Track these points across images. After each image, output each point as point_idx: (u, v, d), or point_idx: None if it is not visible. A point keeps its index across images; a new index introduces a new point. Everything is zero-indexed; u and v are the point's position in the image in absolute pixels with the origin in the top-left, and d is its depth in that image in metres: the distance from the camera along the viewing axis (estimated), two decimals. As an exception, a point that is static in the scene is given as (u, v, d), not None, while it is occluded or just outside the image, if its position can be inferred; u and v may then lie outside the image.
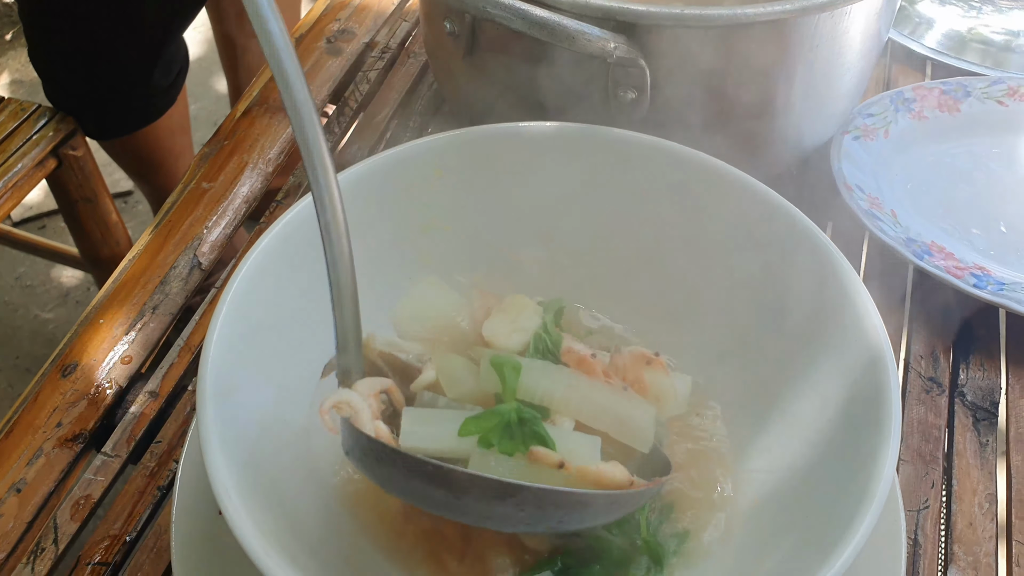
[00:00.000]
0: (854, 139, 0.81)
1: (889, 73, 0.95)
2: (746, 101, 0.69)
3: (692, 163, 0.60)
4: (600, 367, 0.51)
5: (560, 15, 0.60)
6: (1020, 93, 0.85)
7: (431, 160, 0.61)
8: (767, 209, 0.58)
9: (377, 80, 0.91)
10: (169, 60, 1.34)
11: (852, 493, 0.46)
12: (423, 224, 0.63)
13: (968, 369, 0.71)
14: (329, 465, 0.56)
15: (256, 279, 0.54)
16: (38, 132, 1.32)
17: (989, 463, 0.66)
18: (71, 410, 0.67)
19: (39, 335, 1.83)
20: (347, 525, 0.54)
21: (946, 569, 0.61)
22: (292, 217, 0.56)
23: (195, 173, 0.82)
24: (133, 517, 0.62)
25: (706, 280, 0.61)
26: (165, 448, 0.65)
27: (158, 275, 0.74)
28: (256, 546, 0.43)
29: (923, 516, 0.63)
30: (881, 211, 0.76)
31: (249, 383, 0.52)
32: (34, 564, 0.60)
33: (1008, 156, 0.83)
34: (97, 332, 0.71)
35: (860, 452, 0.48)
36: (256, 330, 0.53)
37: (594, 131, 0.61)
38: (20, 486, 0.63)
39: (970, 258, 0.74)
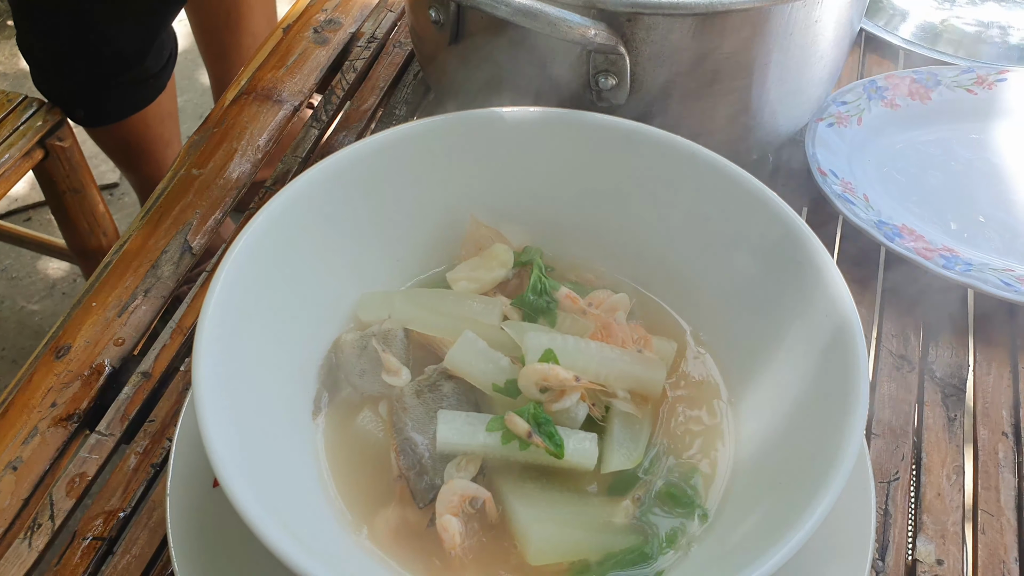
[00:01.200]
0: (828, 126, 0.83)
1: (864, 63, 0.97)
2: (723, 88, 0.71)
3: (670, 147, 0.62)
4: (620, 331, 0.58)
5: (542, 3, 0.62)
6: (988, 82, 0.88)
7: (419, 143, 0.63)
8: (739, 189, 0.60)
9: (363, 69, 0.93)
10: (160, 45, 1.34)
11: (823, 459, 0.49)
12: (409, 206, 0.65)
13: (937, 347, 0.74)
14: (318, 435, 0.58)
15: (254, 251, 0.55)
16: (25, 123, 1.33)
17: (957, 437, 0.69)
18: (65, 390, 0.68)
19: (26, 327, 1.83)
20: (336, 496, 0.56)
21: (915, 538, 0.64)
22: (293, 190, 0.58)
23: (185, 160, 0.83)
24: (128, 493, 0.64)
25: (682, 255, 0.63)
26: (158, 427, 0.67)
27: (149, 259, 0.76)
28: (254, 513, 0.44)
29: (893, 487, 0.66)
30: (854, 195, 0.78)
31: (243, 357, 0.54)
32: (31, 539, 0.62)
33: (977, 143, 0.86)
34: (90, 315, 0.73)
35: (831, 420, 0.50)
36: (250, 307, 0.55)
37: (576, 116, 0.63)
38: (16, 464, 0.65)
39: (939, 240, 0.76)
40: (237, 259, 0.55)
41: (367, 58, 0.94)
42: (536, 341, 0.58)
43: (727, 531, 0.53)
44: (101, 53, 1.29)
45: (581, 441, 0.55)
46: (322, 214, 0.61)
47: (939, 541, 0.63)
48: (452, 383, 0.59)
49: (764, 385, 0.58)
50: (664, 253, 0.64)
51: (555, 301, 0.63)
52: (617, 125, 0.63)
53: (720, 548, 0.53)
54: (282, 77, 0.91)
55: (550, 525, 0.54)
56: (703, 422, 0.60)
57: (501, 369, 0.58)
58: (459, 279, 0.64)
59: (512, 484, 0.56)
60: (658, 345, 0.61)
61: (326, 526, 0.53)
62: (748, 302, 0.60)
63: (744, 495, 0.55)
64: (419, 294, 0.64)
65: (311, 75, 0.91)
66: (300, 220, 0.60)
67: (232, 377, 0.52)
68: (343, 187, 0.62)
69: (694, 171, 0.62)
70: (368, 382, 0.60)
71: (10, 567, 0.60)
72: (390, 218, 0.65)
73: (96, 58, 1.30)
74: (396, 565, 0.53)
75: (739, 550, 0.50)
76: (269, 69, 0.92)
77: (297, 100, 0.89)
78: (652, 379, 0.59)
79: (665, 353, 0.61)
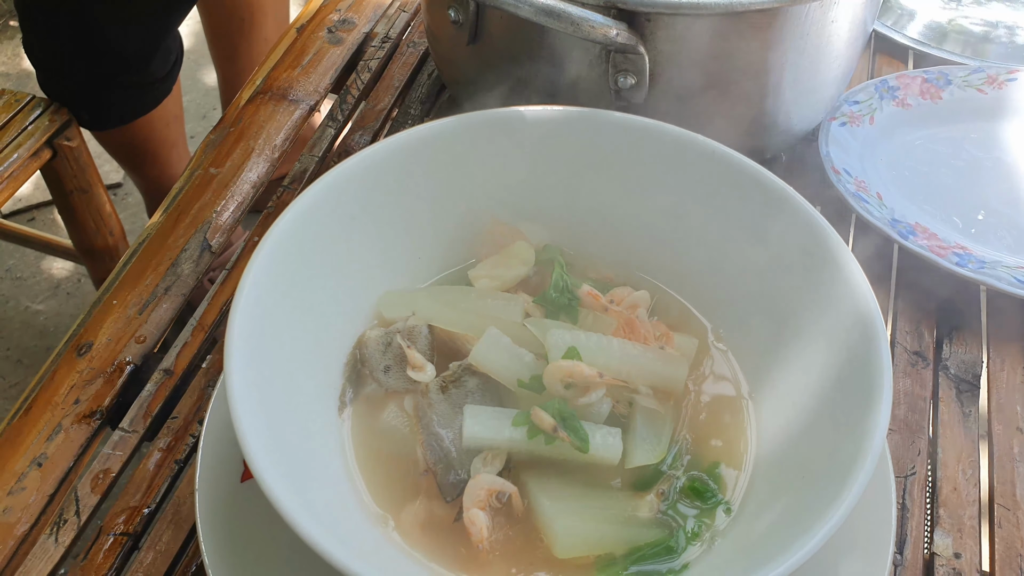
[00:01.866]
0: (841, 125, 0.84)
1: (873, 62, 0.98)
2: (739, 87, 0.72)
3: (690, 145, 0.63)
4: (642, 328, 0.59)
5: (565, 2, 0.62)
6: (999, 81, 0.89)
7: (439, 143, 0.64)
8: (759, 186, 0.61)
9: (378, 69, 0.93)
10: (166, 49, 1.35)
11: (848, 453, 0.49)
12: (430, 205, 0.65)
13: (951, 344, 0.74)
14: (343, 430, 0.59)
15: (280, 250, 0.56)
16: (33, 122, 1.33)
17: (972, 432, 0.70)
18: (88, 388, 0.69)
19: (30, 326, 1.83)
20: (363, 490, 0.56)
21: (932, 531, 0.64)
22: (317, 190, 0.59)
23: (202, 159, 0.84)
24: (152, 489, 0.64)
25: (701, 253, 0.64)
26: (181, 423, 0.67)
27: (169, 257, 0.76)
28: (288, 506, 0.45)
29: (910, 482, 0.66)
30: (867, 193, 0.79)
31: (272, 354, 0.54)
32: (57, 535, 0.62)
33: (987, 142, 0.87)
34: (110, 312, 0.73)
35: (854, 414, 0.50)
36: (277, 305, 0.56)
37: (596, 114, 0.64)
38: (41, 460, 0.65)
39: (952, 238, 0.77)
40: (265, 258, 0.55)
41: (381, 58, 0.94)
42: (559, 338, 0.58)
43: (751, 524, 0.54)
44: (104, 56, 1.30)
45: (606, 436, 0.56)
46: (345, 213, 0.62)
47: (956, 535, 0.64)
48: (476, 379, 0.59)
49: (785, 381, 0.59)
50: (684, 251, 0.65)
51: (577, 298, 0.63)
52: (637, 124, 0.63)
53: (744, 541, 0.53)
54: (297, 77, 0.91)
55: (576, 519, 0.54)
56: (725, 417, 0.60)
57: (526, 365, 0.59)
58: (481, 277, 0.65)
59: (537, 479, 0.56)
60: (679, 341, 0.62)
61: (354, 519, 0.54)
62: (768, 299, 0.61)
63: (767, 489, 0.55)
64: (442, 291, 0.65)
65: (326, 74, 0.92)
66: (324, 220, 0.60)
67: (261, 373, 0.53)
68: (366, 187, 0.62)
69: (714, 169, 0.62)
70: (393, 378, 0.60)
71: (37, 562, 0.60)
72: (412, 217, 0.65)
73: (99, 61, 1.30)
74: (424, 558, 0.53)
75: (763, 543, 0.51)
76: (284, 69, 0.92)
77: (312, 99, 0.90)
78: (674, 375, 0.60)
79: (686, 349, 0.62)
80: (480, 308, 0.62)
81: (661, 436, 0.58)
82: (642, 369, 0.59)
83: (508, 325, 0.61)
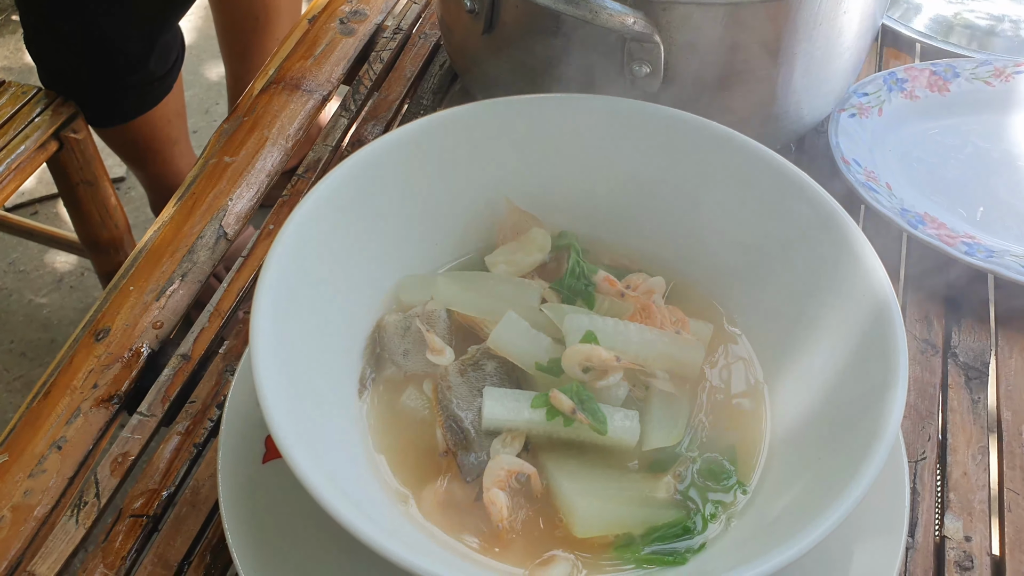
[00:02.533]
0: (850, 116, 0.85)
1: (881, 55, 0.99)
2: (752, 77, 0.73)
3: (706, 132, 0.64)
4: (658, 313, 0.60)
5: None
6: (1006, 74, 0.90)
7: (457, 130, 0.65)
8: (775, 173, 0.62)
9: (390, 60, 0.94)
10: (166, 48, 1.34)
11: (865, 435, 0.50)
12: (448, 191, 0.66)
13: (960, 332, 0.75)
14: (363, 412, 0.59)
15: (301, 236, 0.57)
16: (39, 115, 1.33)
17: (981, 418, 0.70)
18: (106, 372, 0.69)
19: (33, 320, 1.84)
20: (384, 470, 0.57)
21: (943, 515, 0.65)
22: (336, 178, 0.59)
23: (215, 148, 0.84)
24: (171, 472, 0.65)
25: (717, 240, 0.65)
26: (199, 408, 0.68)
27: (185, 245, 0.77)
28: (316, 483, 0.46)
29: (921, 467, 0.67)
30: (877, 184, 0.80)
31: (294, 338, 0.55)
32: (78, 516, 0.62)
33: (995, 133, 0.88)
34: (127, 298, 0.74)
35: (871, 396, 0.51)
36: (299, 290, 0.56)
37: (612, 102, 0.65)
38: (60, 443, 0.66)
39: (960, 228, 0.78)
40: (289, 239, 0.56)
41: (393, 49, 0.95)
42: (576, 322, 0.59)
43: (767, 505, 0.55)
44: (104, 54, 1.30)
45: (624, 419, 0.57)
46: (364, 199, 0.62)
47: (966, 518, 0.65)
48: (495, 362, 0.60)
49: (800, 364, 0.60)
50: (699, 237, 0.66)
51: (593, 284, 0.64)
52: (654, 111, 0.64)
53: (760, 522, 0.54)
54: (310, 67, 0.92)
55: (595, 499, 0.55)
56: (740, 401, 0.61)
57: (543, 348, 0.59)
58: (498, 263, 0.66)
59: (556, 460, 0.57)
60: (695, 327, 0.63)
61: (376, 498, 0.55)
62: (784, 284, 0.62)
63: (784, 470, 0.56)
64: (459, 276, 0.65)
65: (338, 65, 0.93)
66: (344, 205, 0.61)
67: (285, 357, 0.53)
68: (384, 173, 0.63)
69: (729, 156, 0.63)
70: (412, 361, 0.61)
71: (58, 543, 0.61)
72: (429, 203, 0.66)
73: (99, 59, 1.30)
74: (445, 536, 0.54)
75: (779, 523, 0.52)
76: (296, 59, 0.93)
77: (325, 90, 0.90)
78: (690, 360, 0.61)
79: (702, 334, 0.63)
80: (497, 293, 0.63)
81: (678, 419, 0.59)
82: (659, 353, 0.60)
83: (525, 310, 0.61)
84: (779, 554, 0.45)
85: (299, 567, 0.54)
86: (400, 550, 0.43)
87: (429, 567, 0.43)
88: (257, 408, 0.49)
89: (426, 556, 0.45)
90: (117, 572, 0.60)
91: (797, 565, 0.55)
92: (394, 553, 0.43)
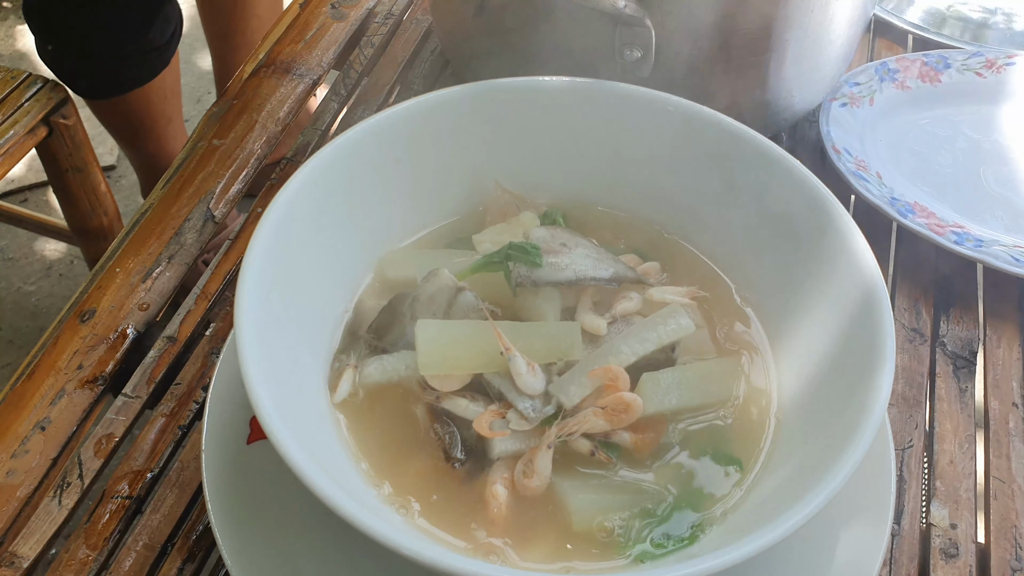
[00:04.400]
0: (841, 106, 0.85)
1: (873, 46, 0.99)
2: (743, 64, 0.73)
3: (696, 117, 0.63)
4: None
5: (574, -27, 0.63)
6: (997, 66, 0.90)
7: (447, 111, 0.64)
8: (763, 157, 0.61)
9: (381, 45, 0.93)
10: (165, 18, 1.34)
11: (850, 418, 0.50)
12: (435, 170, 0.66)
13: (948, 321, 0.75)
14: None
15: (286, 216, 0.56)
16: (29, 100, 1.32)
17: (968, 408, 0.70)
18: (91, 353, 0.69)
19: (22, 307, 1.83)
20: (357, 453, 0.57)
21: (929, 503, 0.65)
22: (337, 146, 0.59)
23: (205, 131, 0.84)
24: (155, 454, 0.64)
25: (709, 223, 0.65)
26: (184, 390, 0.67)
27: (172, 227, 0.76)
28: (302, 463, 0.45)
29: (908, 455, 0.67)
30: (867, 172, 0.80)
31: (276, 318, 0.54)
32: (61, 497, 0.62)
33: (985, 124, 0.88)
34: (114, 280, 0.73)
35: (859, 378, 0.51)
36: (282, 270, 0.56)
37: (605, 85, 0.65)
38: (44, 424, 0.65)
39: (950, 217, 0.78)
40: (271, 224, 0.55)
41: (384, 34, 0.94)
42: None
43: (766, 482, 0.54)
44: (103, 22, 1.29)
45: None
46: (351, 179, 0.62)
47: (952, 506, 0.65)
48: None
49: (799, 344, 0.59)
50: (691, 221, 0.65)
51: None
52: (644, 95, 0.64)
53: (759, 499, 0.54)
54: (300, 51, 0.91)
55: (590, 492, 0.54)
56: (746, 379, 0.60)
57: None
58: (484, 242, 0.65)
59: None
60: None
61: (358, 478, 0.54)
62: (778, 268, 0.61)
63: (782, 447, 0.56)
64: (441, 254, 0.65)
65: (329, 49, 0.92)
66: (330, 185, 0.60)
67: (270, 336, 0.53)
68: (370, 155, 0.63)
69: (719, 141, 0.63)
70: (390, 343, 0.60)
71: (41, 524, 0.61)
72: (417, 183, 0.65)
73: (99, 28, 1.29)
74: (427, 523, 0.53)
75: (766, 506, 0.52)
76: (287, 43, 0.92)
77: (315, 74, 0.90)
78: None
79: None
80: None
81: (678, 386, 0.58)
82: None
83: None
84: (759, 538, 0.45)
85: (282, 548, 0.54)
86: (383, 528, 0.43)
87: (411, 545, 0.43)
88: (242, 389, 0.48)
89: (408, 535, 0.45)
90: (100, 553, 0.59)
91: (784, 548, 0.55)
92: (377, 531, 0.43)
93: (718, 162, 0.63)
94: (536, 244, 0.60)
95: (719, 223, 0.65)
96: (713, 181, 0.64)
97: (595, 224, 0.67)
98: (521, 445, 0.55)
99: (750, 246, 0.63)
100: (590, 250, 0.62)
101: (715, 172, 0.63)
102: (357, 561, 0.54)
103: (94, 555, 0.59)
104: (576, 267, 0.60)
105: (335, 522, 0.44)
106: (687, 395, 0.57)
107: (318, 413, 0.56)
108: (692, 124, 0.63)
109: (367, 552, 0.54)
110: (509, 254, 0.59)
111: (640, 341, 0.58)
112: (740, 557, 0.43)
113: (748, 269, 0.64)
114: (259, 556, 0.53)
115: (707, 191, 0.64)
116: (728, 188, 0.63)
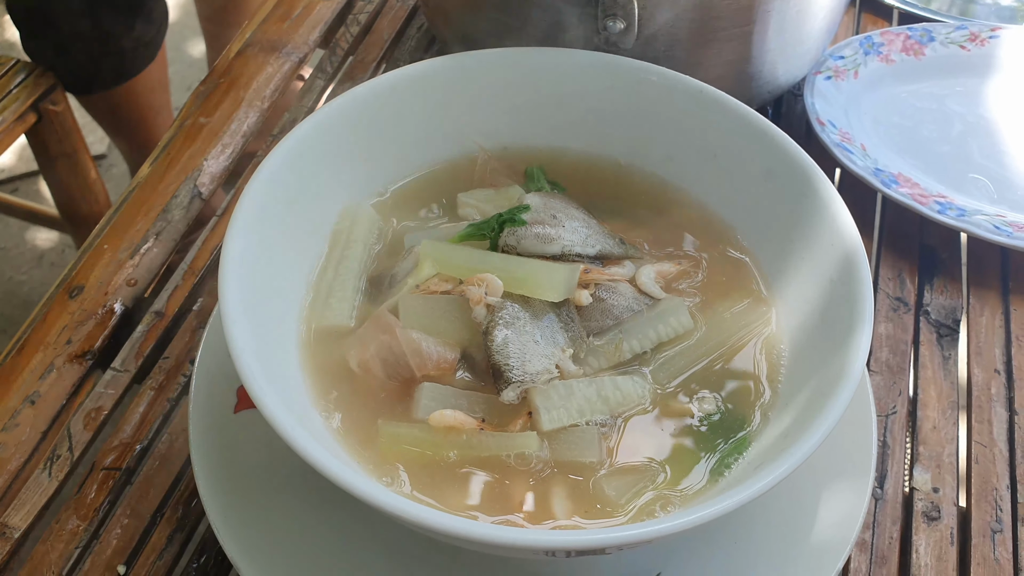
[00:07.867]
0: (826, 79, 0.85)
1: (858, 21, 0.99)
2: (726, 35, 0.73)
3: (678, 85, 0.64)
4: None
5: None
6: (981, 39, 0.90)
7: (430, 80, 0.65)
8: (744, 124, 0.62)
9: (367, 23, 0.93)
10: (150, 11, 1.34)
11: (831, 375, 0.50)
12: (420, 139, 0.66)
13: (932, 290, 0.76)
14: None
15: (271, 181, 0.57)
16: (17, 86, 1.32)
17: (951, 375, 0.71)
18: (80, 328, 0.69)
19: (14, 296, 1.83)
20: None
21: (912, 467, 0.66)
22: (319, 118, 0.60)
23: (192, 109, 0.84)
24: (144, 426, 0.65)
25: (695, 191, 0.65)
26: (173, 364, 0.68)
27: (160, 204, 0.77)
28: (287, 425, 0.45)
29: (891, 421, 0.68)
30: (851, 144, 0.80)
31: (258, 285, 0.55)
32: (51, 469, 0.62)
33: (969, 97, 0.88)
34: (101, 256, 0.73)
35: (840, 338, 0.52)
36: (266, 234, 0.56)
37: (590, 56, 0.65)
38: (34, 398, 0.65)
39: (934, 188, 0.78)
40: (255, 193, 0.56)
41: (370, 12, 0.94)
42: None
43: (768, 433, 0.55)
44: (89, 18, 1.29)
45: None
46: (334, 148, 0.62)
47: (935, 471, 0.65)
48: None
49: (789, 304, 0.59)
50: (677, 186, 0.66)
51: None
52: (629, 64, 0.64)
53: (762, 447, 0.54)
54: (287, 30, 0.91)
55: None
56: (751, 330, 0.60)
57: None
58: (468, 204, 0.65)
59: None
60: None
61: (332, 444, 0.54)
62: (763, 235, 0.62)
63: (783, 398, 0.56)
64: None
65: (315, 28, 0.92)
66: (313, 155, 0.61)
67: (253, 301, 0.53)
68: (355, 122, 0.63)
69: (701, 108, 0.63)
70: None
71: (31, 495, 0.61)
72: (402, 149, 0.66)
73: (84, 23, 1.29)
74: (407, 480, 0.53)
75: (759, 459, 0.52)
76: (274, 22, 0.92)
77: (302, 52, 0.90)
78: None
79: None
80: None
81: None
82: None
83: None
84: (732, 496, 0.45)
85: (268, 515, 0.55)
86: (368, 486, 0.44)
87: (396, 503, 0.43)
88: (228, 360, 0.48)
89: (392, 495, 0.45)
90: (90, 524, 0.60)
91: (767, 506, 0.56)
92: (363, 490, 0.43)
93: (698, 130, 0.63)
94: (527, 204, 0.60)
95: (704, 191, 0.65)
96: (696, 150, 0.64)
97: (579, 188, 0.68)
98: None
99: (734, 213, 0.63)
100: (581, 224, 0.63)
101: (697, 140, 0.64)
102: (333, 513, 0.55)
103: (84, 525, 0.59)
104: (564, 240, 0.61)
105: (321, 487, 0.45)
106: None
107: (299, 378, 0.56)
108: (672, 92, 0.64)
109: (354, 515, 0.54)
110: (497, 225, 0.60)
111: (640, 340, 0.59)
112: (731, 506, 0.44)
113: (739, 226, 0.64)
114: (245, 517, 0.54)
115: (691, 159, 0.65)
116: (711, 156, 0.64)
